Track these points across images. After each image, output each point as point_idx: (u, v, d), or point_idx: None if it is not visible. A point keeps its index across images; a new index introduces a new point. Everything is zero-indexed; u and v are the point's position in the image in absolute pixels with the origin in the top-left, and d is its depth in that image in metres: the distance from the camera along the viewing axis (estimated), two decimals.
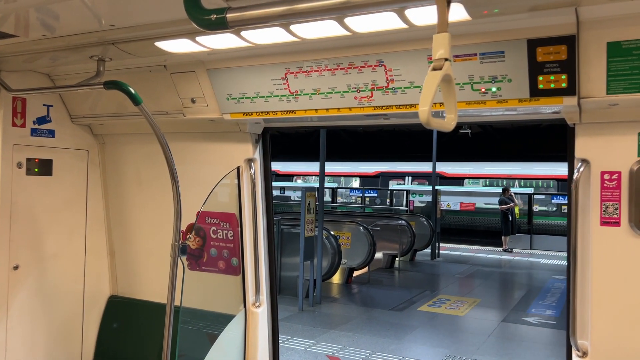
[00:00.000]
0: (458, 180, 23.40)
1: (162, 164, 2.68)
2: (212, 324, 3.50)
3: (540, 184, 22.05)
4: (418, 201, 23.06)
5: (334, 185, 26.04)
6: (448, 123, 1.37)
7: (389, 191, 24.76)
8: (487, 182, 23.41)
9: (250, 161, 3.25)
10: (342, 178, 27.02)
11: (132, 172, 3.76)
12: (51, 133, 3.48)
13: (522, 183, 22.35)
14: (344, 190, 26.11)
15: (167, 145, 2.61)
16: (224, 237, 3.38)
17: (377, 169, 25.76)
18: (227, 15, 1.60)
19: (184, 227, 3.42)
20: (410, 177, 24.89)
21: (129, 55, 2.68)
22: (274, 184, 22.11)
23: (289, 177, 26.46)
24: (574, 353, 2.48)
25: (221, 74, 2.80)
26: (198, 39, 2.35)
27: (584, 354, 2.45)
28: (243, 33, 2.23)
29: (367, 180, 26.06)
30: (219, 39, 2.33)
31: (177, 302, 2.84)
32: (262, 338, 3.37)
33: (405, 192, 23.73)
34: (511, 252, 18.71)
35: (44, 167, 3.43)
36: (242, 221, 3.31)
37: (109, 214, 3.88)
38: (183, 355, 3.37)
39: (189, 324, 3.46)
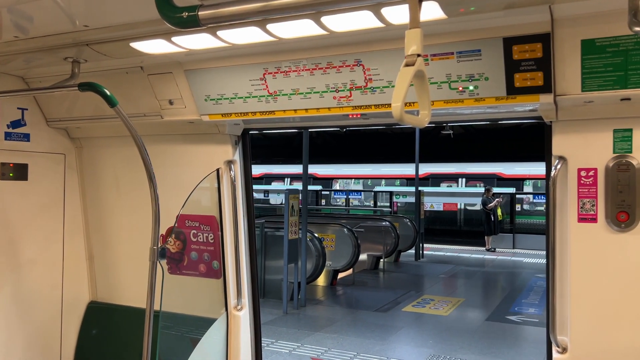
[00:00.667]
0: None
1: (141, 167, 2.64)
2: (193, 328, 3.46)
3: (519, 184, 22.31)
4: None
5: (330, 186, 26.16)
6: (422, 119, 1.36)
7: (373, 193, 24.85)
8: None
9: (230, 163, 3.23)
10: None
11: (111, 175, 3.71)
12: (26, 137, 3.41)
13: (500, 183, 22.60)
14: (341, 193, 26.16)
15: (144, 147, 2.57)
16: (205, 240, 3.34)
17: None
18: (199, 13, 1.58)
19: (163, 231, 3.38)
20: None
21: (104, 56, 2.64)
22: (310, 187, 22.21)
23: (326, 180, 26.35)
24: (554, 349, 2.50)
25: (199, 75, 2.77)
26: (174, 39, 2.32)
27: (564, 349, 2.47)
28: (219, 33, 2.21)
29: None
30: (195, 39, 2.30)
31: (157, 307, 2.80)
32: (244, 341, 3.34)
33: (389, 193, 23.83)
34: (494, 251, 18.88)
35: (19, 172, 3.37)
36: (223, 224, 3.28)
37: (87, 218, 3.82)
38: None
39: (170, 329, 3.41)
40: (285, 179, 27.09)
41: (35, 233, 3.48)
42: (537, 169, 20.80)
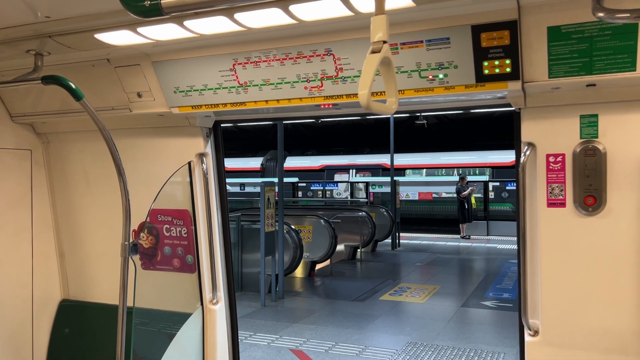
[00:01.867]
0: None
1: (111, 161, 2.59)
2: (169, 323, 3.42)
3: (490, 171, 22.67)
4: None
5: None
6: (389, 107, 1.36)
7: (348, 184, 24.97)
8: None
9: (201, 156, 3.19)
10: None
11: (80, 171, 3.63)
12: None
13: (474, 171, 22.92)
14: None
15: (112, 141, 2.52)
16: (178, 235, 3.30)
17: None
18: (162, 1, 1.54)
19: (135, 226, 3.33)
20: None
21: (68, 49, 2.57)
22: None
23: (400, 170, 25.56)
24: (526, 332, 2.55)
25: (167, 67, 2.72)
26: (140, 30, 2.27)
27: (536, 332, 2.52)
28: (186, 23, 2.17)
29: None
30: (161, 29, 2.26)
31: (130, 303, 2.76)
32: (221, 335, 3.32)
33: (365, 184, 23.99)
34: (469, 238, 19.17)
35: None
36: (196, 217, 3.25)
37: (57, 215, 3.74)
38: (142, 358, 3.28)
39: (145, 325, 3.37)
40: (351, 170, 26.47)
41: (1, 231, 3.39)
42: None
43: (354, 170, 25.61)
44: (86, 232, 3.68)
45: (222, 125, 3.29)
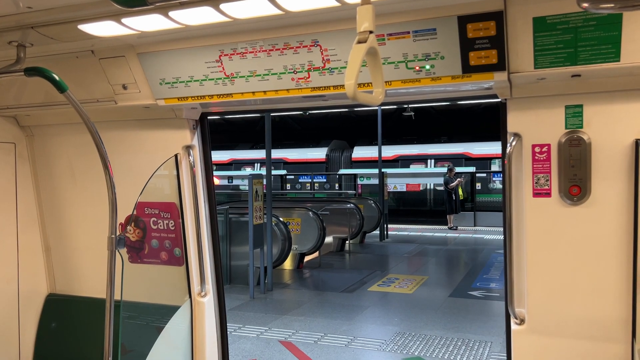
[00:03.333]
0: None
1: (96, 154, 2.56)
2: (157, 316, 3.41)
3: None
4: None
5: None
6: (376, 97, 1.36)
7: (337, 175, 24.89)
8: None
9: (188, 148, 3.17)
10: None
11: (65, 164, 3.59)
12: None
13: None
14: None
15: (97, 134, 2.49)
16: (165, 228, 3.29)
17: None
18: None
19: (122, 219, 3.31)
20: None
21: (51, 40, 2.53)
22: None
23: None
24: (512, 321, 2.58)
25: (153, 58, 2.70)
26: (124, 20, 2.24)
27: (522, 321, 2.55)
28: (171, 13, 2.14)
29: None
30: (146, 20, 2.23)
31: (117, 297, 2.74)
32: (209, 327, 3.32)
33: (353, 175, 23.94)
34: (456, 229, 19.31)
35: None
36: (184, 210, 3.23)
37: (42, 209, 3.70)
38: (131, 351, 3.27)
39: (133, 318, 3.36)
40: None
41: None
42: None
43: (433, 160, 23.75)
44: (72, 226, 3.64)
45: (208, 117, 3.28)
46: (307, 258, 12.48)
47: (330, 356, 6.50)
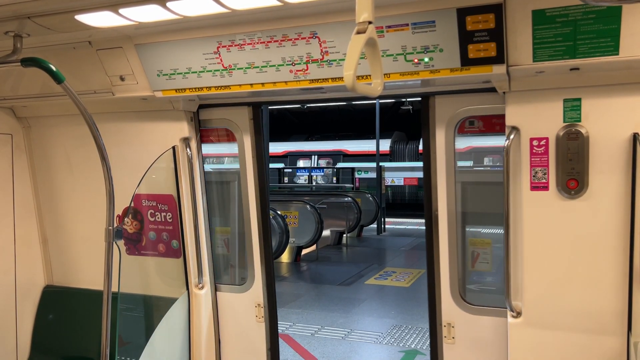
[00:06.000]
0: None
1: (94, 145, 2.55)
2: (154, 308, 3.42)
3: None
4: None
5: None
6: (374, 88, 1.35)
7: (335, 169, 24.85)
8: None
9: (186, 140, 3.16)
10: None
11: (62, 155, 3.58)
12: None
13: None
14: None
15: (94, 125, 2.48)
16: (163, 220, 3.28)
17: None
18: None
19: (119, 211, 3.30)
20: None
21: (48, 30, 2.51)
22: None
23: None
24: (509, 314, 2.59)
25: (150, 50, 2.68)
26: (121, 11, 2.22)
27: (518, 314, 2.56)
28: (169, 4, 2.13)
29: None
30: (144, 11, 2.21)
31: (115, 288, 2.74)
32: (206, 319, 3.33)
33: (351, 169, 23.90)
34: None
35: None
36: (181, 202, 3.23)
37: (39, 200, 3.69)
38: (128, 343, 3.28)
39: (130, 310, 3.36)
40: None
41: None
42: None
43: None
44: (69, 218, 3.64)
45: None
46: (304, 251, 12.49)
47: (327, 348, 6.52)
